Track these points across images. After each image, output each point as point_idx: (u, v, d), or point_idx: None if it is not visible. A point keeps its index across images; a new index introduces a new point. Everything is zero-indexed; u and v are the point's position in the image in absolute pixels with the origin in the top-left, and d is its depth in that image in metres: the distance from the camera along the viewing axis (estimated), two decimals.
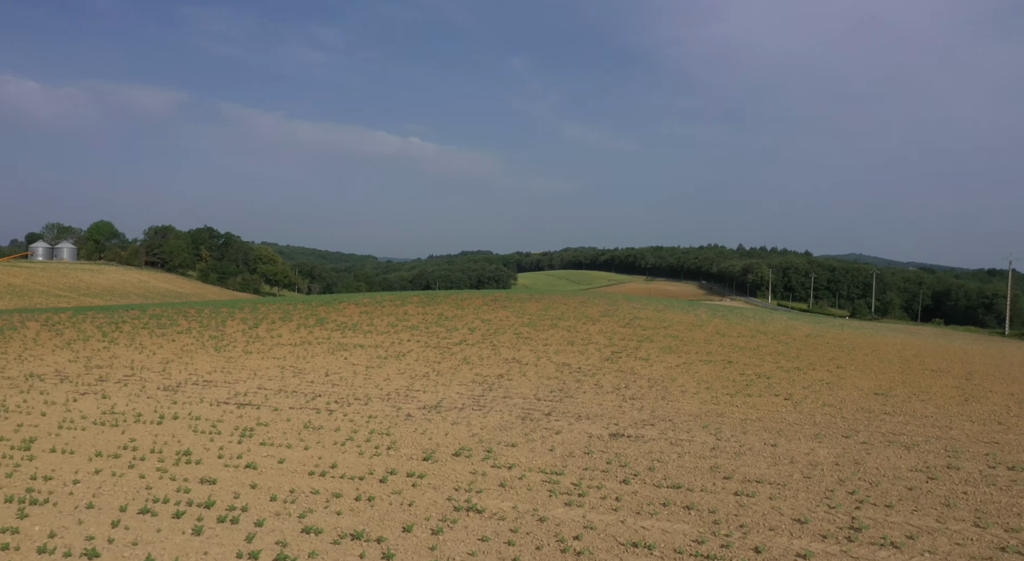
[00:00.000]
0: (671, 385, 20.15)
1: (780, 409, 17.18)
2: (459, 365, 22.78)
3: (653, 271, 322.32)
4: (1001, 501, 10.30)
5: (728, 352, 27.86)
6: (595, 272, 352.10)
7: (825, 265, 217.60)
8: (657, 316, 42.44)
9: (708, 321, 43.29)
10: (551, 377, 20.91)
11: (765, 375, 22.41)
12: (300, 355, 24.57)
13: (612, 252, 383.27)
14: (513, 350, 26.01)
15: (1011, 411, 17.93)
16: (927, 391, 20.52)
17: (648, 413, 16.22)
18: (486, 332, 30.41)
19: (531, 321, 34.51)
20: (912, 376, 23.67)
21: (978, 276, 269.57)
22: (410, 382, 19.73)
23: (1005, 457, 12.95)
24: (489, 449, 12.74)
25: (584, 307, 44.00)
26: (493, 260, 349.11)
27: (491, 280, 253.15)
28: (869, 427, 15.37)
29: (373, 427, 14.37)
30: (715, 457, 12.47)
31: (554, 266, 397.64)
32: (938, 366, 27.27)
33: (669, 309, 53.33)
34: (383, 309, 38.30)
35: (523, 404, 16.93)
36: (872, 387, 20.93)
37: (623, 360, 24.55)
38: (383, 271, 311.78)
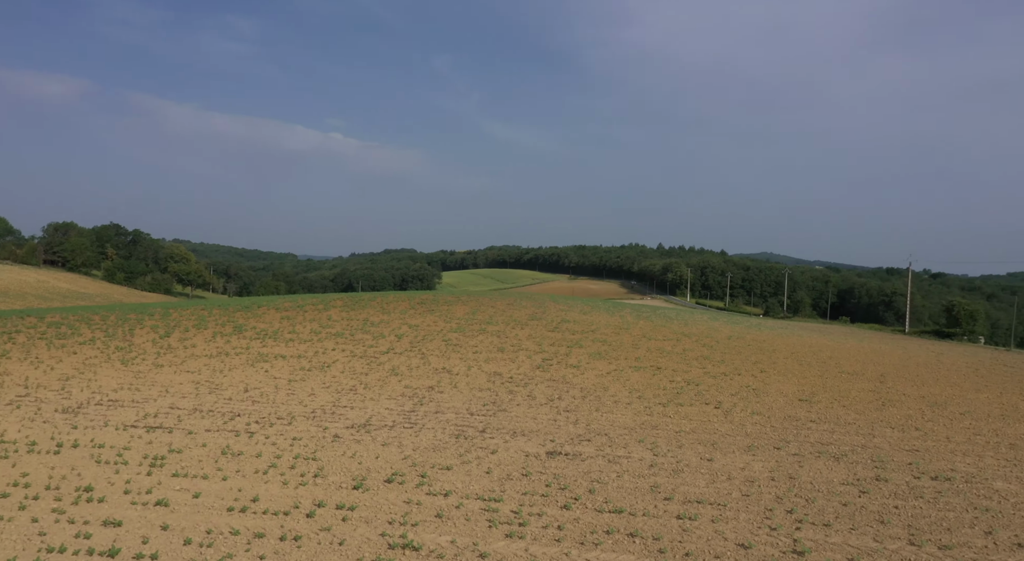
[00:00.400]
0: (604, 395, 20.04)
1: (712, 419, 17.27)
2: (387, 377, 22.01)
3: (576, 270, 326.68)
4: (931, 515, 10.50)
5: (656, 357, 28.10)
6: (519, 271, 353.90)
7: (740, 264, 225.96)
8: (584, 319, 42.61)
9: (634, 323, 43.82)
10: (483, 388, 20.44)
11: (694, 382, 22.64)
12: (217, 368, 23.20)
13: (536, 251, 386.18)
14: (443, 359, 25.40)
15: (925, 416, 18.65)
16: (847, 396, 21.17)
17: (583, 427, 15.98)
18: (414, 339, 29.66)
19: (459, 326, 33.94)
20: (831, 380, 24.44)
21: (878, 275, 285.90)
22: (336, 397, 18.86)
23: (927, 466, 13.33)
24: (423, 474, 12.16)
25: (512, 310, 43.78)
26: (417, 258, 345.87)
27: (415, 279, 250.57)
28: (798, 436, 15.61)
29: (298, 451, 13.53)
30: (654, 475, 12.30)
31: (479, 265, 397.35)
32: (853, 369, 28.33)
33: (595, 311, 53.78)
34: (305, 314, 36.91)
35: (456, 420, 16.39)
36: (796, 393, 21.44)
37: (554, 368, 24.34)
38: (303, 269, 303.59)
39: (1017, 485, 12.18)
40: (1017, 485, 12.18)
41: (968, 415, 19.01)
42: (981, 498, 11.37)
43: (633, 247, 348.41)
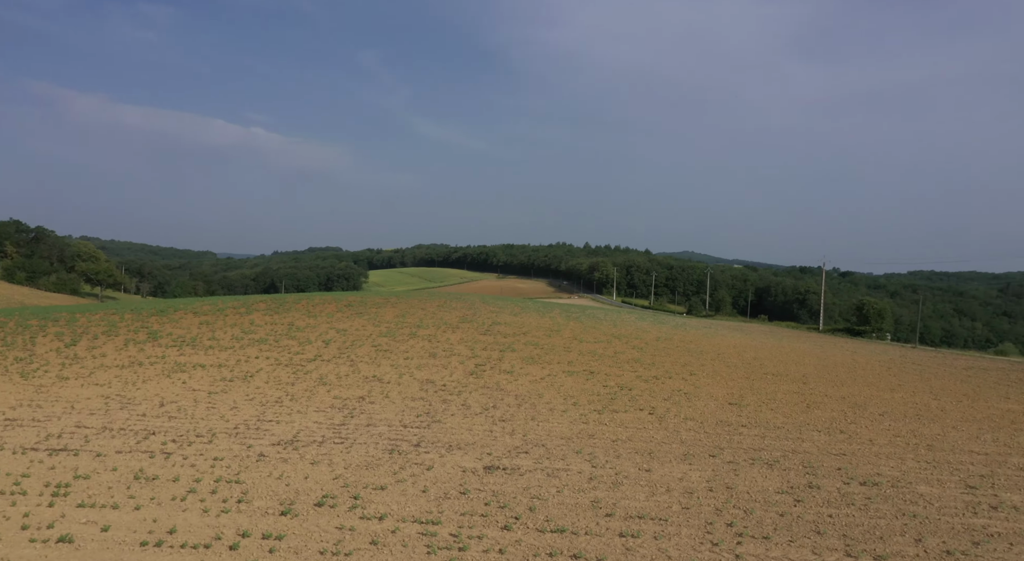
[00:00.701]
0: (539, 402, 19.83)
1: (647, 426, 17.30)
2: (315, 386, 21.16)
3: (505, 269, 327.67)
4: (864, 524, 10.70)
5: (589, 361, 28.16)
6: (448, 269, 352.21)
7: (664, 264, 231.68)
8: (515, 321, 42.46)
9: (564, 325, 43.97)
10: (416, 398, 19.89)
11: (627, 386, 22.73)
12: (129, 380, 21.76)
13: (464, 249, 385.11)
14: (373, 366, 24.67)
15: (847, 417, 19.27)
16: (774, 399, 21.68)
17: (520, 438, 15.70)
18: (342, 345, 28.74)
19: (389, 330, 33.17)
20: (757, 382, 25.03)
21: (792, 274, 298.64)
22: (261, 410, 17.94)
23: (855, 471, 13.67)
24: (356, 495, 11.59)
25: (443, 312, 43.21)
26: (343, 257, 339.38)
27: (341, 279, 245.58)
28: (731, 443, 15.79)
29: (220, 473, 12.70)
30: (594, 490, 12.12)
31: (406, 263, 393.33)
32: (776, 370, 29.16)
33: (526, 312, 53.74)
34: (226, 318, 35.30)
35: (389, 433, 15.82)
36: (725, 396, 21.80)
37: (488, 374, 23.99)
38: (223, 268, 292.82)
39: (939, 488, 12.60)
40: (939, 488, 12.60)
41: (886, 416, 19.76)
42: (908, 503, 11.69)
43: (560, 246, 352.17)
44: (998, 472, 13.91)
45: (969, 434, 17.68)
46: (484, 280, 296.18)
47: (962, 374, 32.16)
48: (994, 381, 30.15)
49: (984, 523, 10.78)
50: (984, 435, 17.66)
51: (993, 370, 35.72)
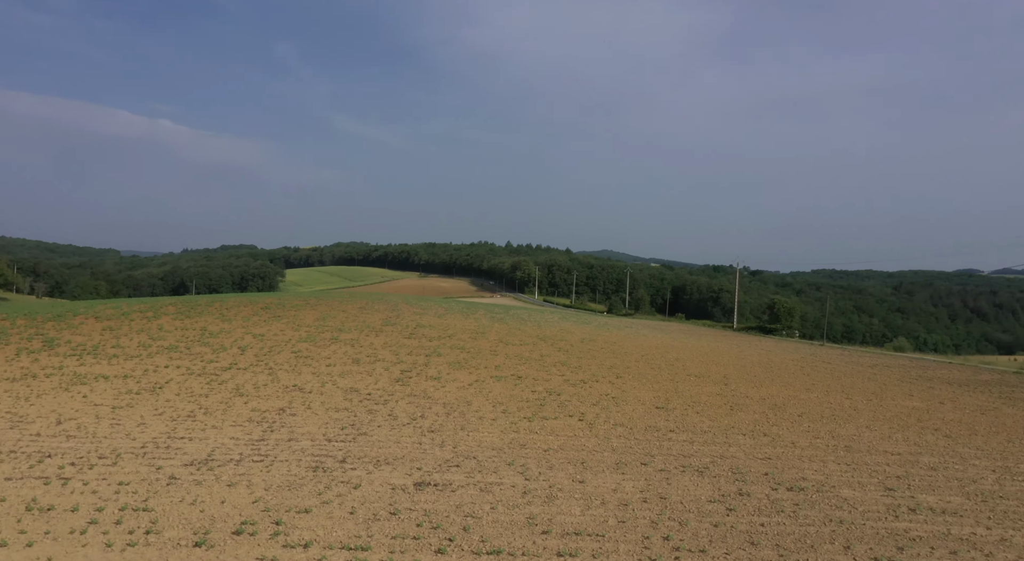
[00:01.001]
0: (467, 410, 19.43)
1: (578, 433, 17.19)
2: (231, 398, 20.03)
3: (426, 267, 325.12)
4: (795, 532, 10.84)
5: (516, 364, 27.95)
6: (368, 268, 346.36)
7: (584, 263, 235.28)
8: (440, 323, 41.90)
9: (490, 327, 43.74)
10: (340, 408, 19.12)
11: (555, 391, 22.63)
12: (21, 395, 19.98)
13: (385, 248, 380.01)
14: (293, 374, 23.64)
15: (769, 420, 19.77)
16: (698, 401, 22.05)
17: (451, 450, 15.26)
18: (260, 351, 27.47)
19: (310, 335, 32.00)
20: (682, 384, 25.45)
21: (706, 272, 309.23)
22: (172, 426, 16.77)
23: (781, 476, 13.94)
24: (278, 520, 10.88)
25: (365, 314, 42.19)
26: (258, 255, 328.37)
27: (256, 278, 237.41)
28: (662, 449, 15.86)
29: (125, 500, 11.69)
30: (529, 505, 11.84)
31: (325, 262, 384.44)
32: (698, 371, 29.79)
33: (450, 314, 53.19)
34: (131, 323, 33.21)
35: (312, 448, 15.07)
36: (652, 400, 22.02)
37: (414, 381, 23.40)
38: (127, 267, 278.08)
39: (860, 492, 12.98)
40: (860, 492, 12.98)
41: (805, 417, 20.40)
42: (834, 509, 11.95)
43: (482, 245, 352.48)
44: (912, 473, 14.49)
45: (882, 434, 18.44)
46: (406, 279, 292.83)
47: (868, 372, 33.81)
48: (897, 379, 31.81)
49: (906, 527, 11.12)
50: (895, 434, 18.46)
51: (895, 367, 37.77)
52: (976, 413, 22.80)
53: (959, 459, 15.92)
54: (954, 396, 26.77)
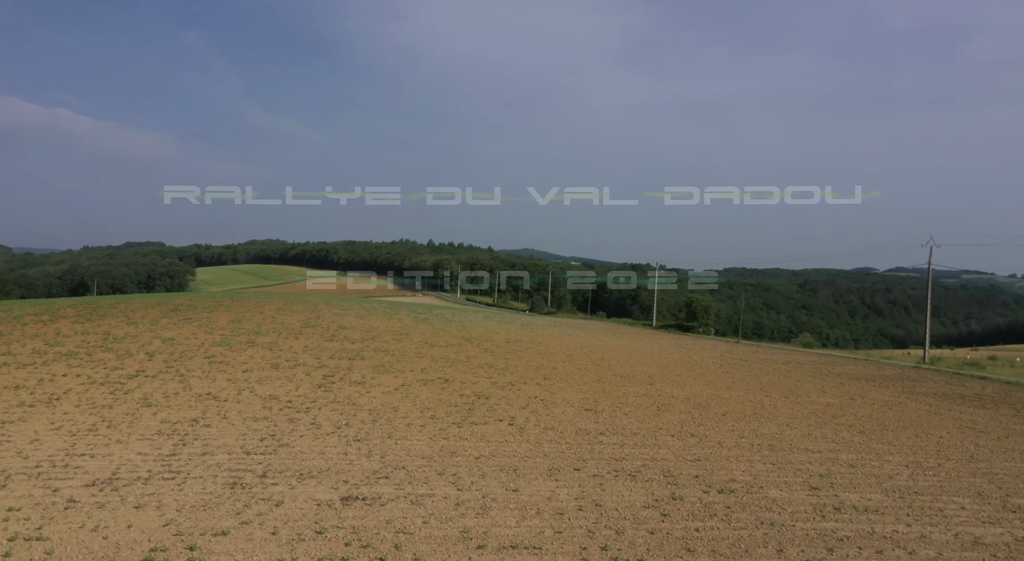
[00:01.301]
0: (394, 416, 18.84)
1: (508, 439, 16.92)
2: (138, 409, 18.71)
3: (346, 266, 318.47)
4: (729, 536, 10.89)
5: (442, 367, 27.46)
6: (285, 267, 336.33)
7: (507, 261, 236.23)
8: (363, 325, 40.89)
9: (414, 328, 43.03)
10: (259, 417, 18.16)
11: (483, 395, 22.30)
12: None
13: (303, 246, 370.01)
14: (207, 381, 22.37)
15: (695, 419, 20.08)
16: (626, 402, 22.19)
17: (378, 460, 14.69)
18: (170, 357, 25.91)
19: (224, 338, 30.49)
20: (608, 385, 25.60)
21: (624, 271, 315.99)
22: (70, 442, 15.45)
23: (712, 478, 14.07)
24: (193, 545, 10.09)
25: (283, 315, 40.68)
26: (167, 253, 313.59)
27: (164, 277, 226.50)
28: (593, 453, 15.78)
29: (16, 529, 10.59)
30: (462, 517, 11.45)
31: (239, 260, 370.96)
32: (624, 371, 30.11)
33: (372, 314, 52.05)
34: (25, 328, 30.79)
35: (229, 463, 14.17)
36: (580, 401, 22.01)
37: (337, 386, 22.57)
38: (20, 265, 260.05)
39: (787, 492, 13.24)
40: (787, 492, 13.24)
41: (729, 416, 20.83)
42: (764, 510, 12.11)
43: (404, 243, 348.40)
44: (833, 471, 14.93)
45: (801, 431, 19.01)
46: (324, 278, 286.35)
47: (783, 369, 35.08)
48: (809, 375, 33.12)
49: (833, 527, 11.36)
50: (814, 431, 19.07)
51: (806, 364, 39.38)
52: (884, 408, 23.90)
53: (874, 455, 16.55)
54: (862, 392, 28.04)
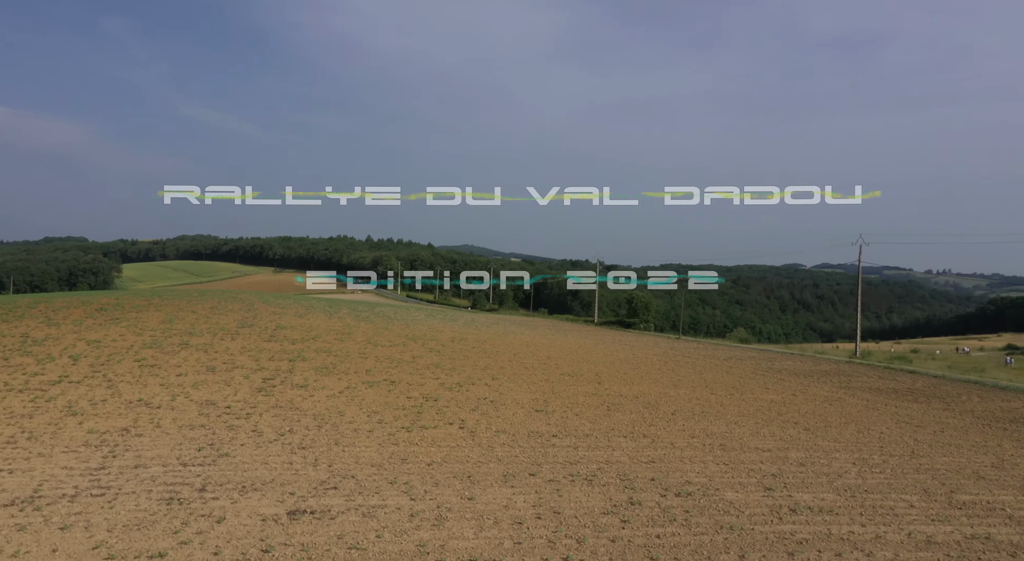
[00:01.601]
0: (340, 421, 18.16)
1: (460, 443, 16.50)
2: (62, 418, 17.48)
3: (282, 262, 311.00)
4: (690, 542, 10.76)
5: (388, 368, 26.78)
6: (218, 263, 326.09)
7: (447, 257, 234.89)
8: (302, 324, 39.70)
9: (356, 327, 42.07)
10: (195, 425, 17.20)
11: (432, 397, 21.79)
12: None
13: (236, 241, 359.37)
14: (138, 386, 21.14)
15: (645, 419, 20.07)
16: (576, 402, 22.04)
17: (325, 469, 14.05)
18: (96, 361, 24.43)
19: (155, 340, 29.01)
20: (557, 385, 25.43)
21: (564, 267, 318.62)
22: None
23: (668, 480, 13.98)
24: None
25: (217, 315, 39.13)
26: (90, 249, 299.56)
27: (88, 273, 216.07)
28: (547, 456, 15.51)
29: None
30: (417, 530, 10.99)
31: (168, 256, 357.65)
32: (571, 369, 30.03)
33: (312, 313, 50.70)
34: None
35: (165, 476, 13.30)
36: (530, 402, 21.74)
37: (279, 390, 21.68)
38: None
39: (743, 493, 13.24)
40: (743, 493, 13.24)
41: (678, 414, 20.92)
42: (722, 514, 12.06)
43: (342, 239, 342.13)
44: (784, 470, 15.07)
45: (750, 429, 19.21)
46: (259, 274, 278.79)
47: (725, 365, 35.67)
48: (751, 371, 33.76)
49: (791, 529, 11.38)
50: (762, 429, 19.30)
51: (746, 360, 40.19)
52: (825, 404, 24.48)
53: (822, 453, 16.82)
54: (803, 387, 28.72)
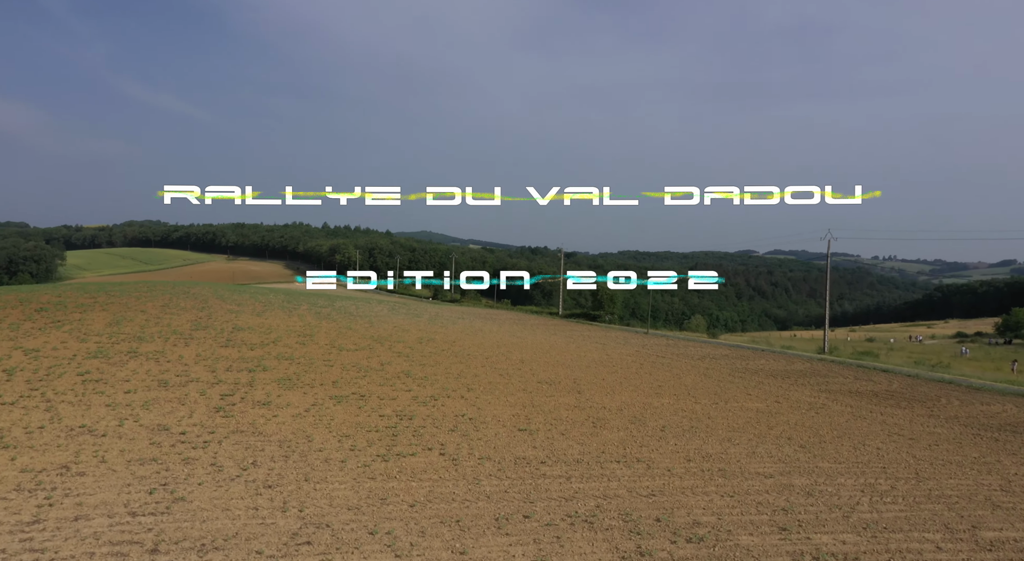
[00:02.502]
0: (309, 449, 16.60)
1: (442, 474, 15.13)
2: None
3: (235, 250, 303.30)
4: None
5: (355, 378, 25.19)
6: (168, 250, 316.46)
7: (406, 245, 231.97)
8: (260, 324, 37.75)
9: (317, 327, 40.27)
10: (146, 459, 15.44)
11: (406, 415, 20.34)
12: None
13: (187, 228, 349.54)
14: (81, 408, 19.18)
15: (635, 439, 18.96)
16: (560, 418, 20.83)
17: (296, 515, 12.53)
18: (34, 375, 22.29)
19: (101, 347, 26.85)
20: (536, 396, 24.20)
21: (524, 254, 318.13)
22: None
23: (673, 520, 12.85)
24: None
25: (169, 315, 36.94)
26: (31, 235, 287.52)
27: (29, 261, 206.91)
28: (539, 491, 14.26)
29: None
30: None
31: (115, 243, 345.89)
32: (547, 376, 28.84)
33: (269, 311, 48.58)
34: None
35: (110, 531, 11.61)
36: (512, 419, 20.46)
37: (239, 409, 19.95)
38: None
39: (758, 537, 12.19)
40: (758, 537, 12.19)
41: (668, 431, 19.88)
42: None
43: (298, 226, 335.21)
44: (794, 503, 14.09)
45: (745, 449, 18.27)
46: (212, 262, 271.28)
47: (700, 366, 34.93)
48: (728, 373, 33.08)
49: None
50: (758, 449, 18.38)
51: (720, 358, 39.61)
52: (811, 413, 23.79)
53: (826, 477, 15.94)
54: (784, 392, 28.07)
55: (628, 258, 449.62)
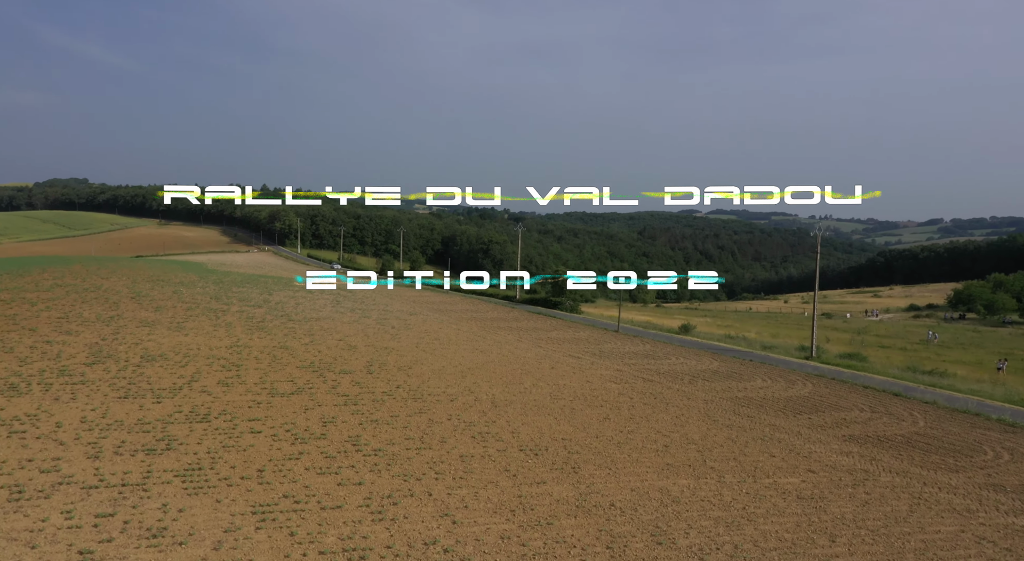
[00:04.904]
0: None
1: None
2: None
3: (168, 214, 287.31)
4: None
5: (288, 460, 19.53)
6: (94, 214, 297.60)
7: (351, 213, 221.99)
8: (177, 345, 31.70)
9: (247, 347, 34.40)
10: None
11: (358, 551, 14.86)
12: None
13: (116, 189, 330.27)
14: None
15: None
16: (563, 540, 15.65)
17: None
18: None
19: None
20: (525, 487, 18.96)
21: (474, 221, 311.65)
22: None
23: None
24: None
25: (65, 329, 30.52)
26: None
27: None
28: None
29: None
30: None
31: (35, 205, 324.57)
32: (530, 437, 23.73)
33: (192, 318, 42.25)
34: None
35: None
36: (502, 548, 15.22)
37: (115, 553, 14.14)
38: None
39: None
40: None
41: (707, 554, 14.97)
42: None
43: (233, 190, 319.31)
44: None
45: None
46: (143, 227, 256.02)
47: (698, 399, 30.24)
48: (731, 411, 28.53)
49: None
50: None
51: (711, 378, 35.04)
52: (859, 491, 19.34)
53: None
54: (808, 450, 23.67)
55: (576, 220, 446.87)
